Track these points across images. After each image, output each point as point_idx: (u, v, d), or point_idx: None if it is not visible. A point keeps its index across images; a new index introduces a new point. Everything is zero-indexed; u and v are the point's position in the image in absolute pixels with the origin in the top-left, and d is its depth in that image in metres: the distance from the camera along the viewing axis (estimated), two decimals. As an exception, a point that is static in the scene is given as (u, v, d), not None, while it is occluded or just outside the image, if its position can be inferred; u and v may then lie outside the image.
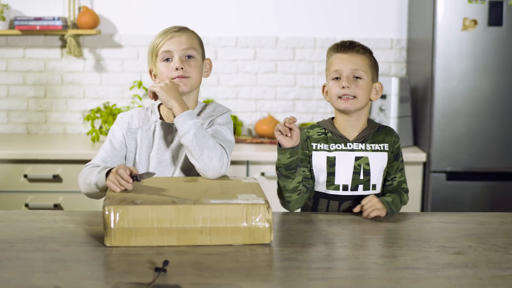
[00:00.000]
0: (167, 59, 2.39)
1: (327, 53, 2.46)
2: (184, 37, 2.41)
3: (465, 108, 3.79)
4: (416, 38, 4.18)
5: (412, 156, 3.86)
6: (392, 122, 3.96)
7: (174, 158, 2.43)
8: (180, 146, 2.42)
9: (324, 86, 2.46)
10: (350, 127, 2.43)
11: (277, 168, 2.32)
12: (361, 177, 2.40)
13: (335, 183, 2.40)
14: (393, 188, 2.46)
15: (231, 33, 4.34)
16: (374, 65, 2.44)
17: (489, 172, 3.85)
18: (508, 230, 2.19)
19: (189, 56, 2.41)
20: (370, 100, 2.43)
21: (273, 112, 4.38)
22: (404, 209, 2.53)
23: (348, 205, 2.41)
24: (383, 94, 3.98)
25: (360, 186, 2.40)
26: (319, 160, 2.41)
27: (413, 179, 3.85)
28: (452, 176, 3.83)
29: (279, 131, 2.25)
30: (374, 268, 1.83)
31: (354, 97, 2.37)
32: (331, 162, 2.39)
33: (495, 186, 3.84)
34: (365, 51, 2.42)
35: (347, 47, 2.41)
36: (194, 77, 2.41)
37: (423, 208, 3.89)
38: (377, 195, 2.43)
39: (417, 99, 4.08)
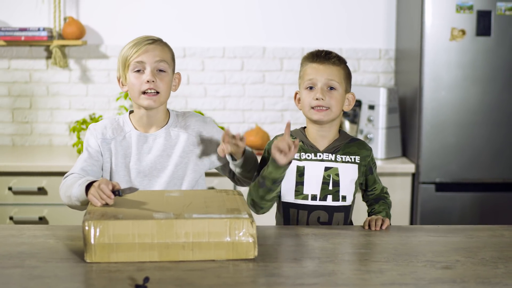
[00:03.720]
0: (138, 70, 2.37)
1: (302, 62, 2.44)
2: (158, 50, 2.40)
3: (453, 118, 3.76)
4: (404, 48, 4.16)
5: (401, 167, 3.83)
6: (380, 133, 3.93)
7: (152, 168, 2.43)
8: (158, 157, 2.42)
9: (296, 93, 2.45)
10: (321, 137, 2.41)
11: (263, 178, 2.30)
12: (330, 187, 2.37)
13: (304, 193, 2.37)
14: (376, 195, 2.50)
15: (219, 43, 4.31)
16: (348, 76, 2.43)
17: (478, 183, 3.82)
18: (496, 244, 2.15)
19: (160, 70, 2.39)
20: (342, 110, 2.42)
21: (261, 123, 4.35)
22: (392, 221, 2.51)
23: (318, 215, 2.38)
24: (372, 104, 3.96)
25: (329, 197, 2.38)
26: (289, 169, 2.37)
27: (402, 190, 3.83)
28: (441, 187, 3.80)
29: (278, 148, 2.21)
30: (360, 283, 1.79)
31: (328, 108, 2.35)
32: (300, 172, 2.37)
33: (484, 197, 3.81)
34: (341, 62, 2.40)
35: (322, 57, 2.39)
36: (164, 93, 2.41)
37: (412, 220, 3.86)
38: (348, 206, 2.42)
39: (406, 109, 4.05)
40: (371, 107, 3.96)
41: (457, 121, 3.77)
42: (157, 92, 2.38)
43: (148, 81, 2.36)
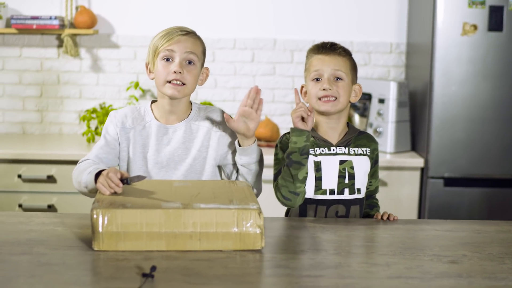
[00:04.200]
0: (168, 59, 2.37)
1: (307, 54, 2.46)
2: (190, 42, 2.40)
3: (464, 113, 3.75)
4: (415, 43, 4.15)
5: (410, 161, 3.83)
6: (390, 126, 3.92)
7: (170, 160, 2.42)
8: (177, 149, 2.41)
9: (302, 87, 2.45)
10: (331, 129, 2.42)
11: (290, 154, 2.28)
12: (346, 180, 2.38)
13: (322, 188, 2.37)
14: (370, 192, 2.51)
15: (229, 34, 4.31)
16: (354, 67, 2.44)
17: (487, 179, 3.81)
18: (503, 239, 2.15)
19: (189, 62, 2.38)
20: (350, 102, 2.42)
21: (271, 115, 4.35)
22: (400, 215, 2.51)
23: (336, 209, 2.38)
24: (382, 98, 3.95)
25: (346, 190, 2.38)
26: (308, 165, 2.36)
27: (411, 184, 3.82)
28: (449, 182, 3.79)
29: (301, 116, 2.26)
30: (366, 276, 1.79)
31: (335, 98, 2.35)
32: (317, 167, 2.37)
33: (493, 193, 3.81)
34: (346, 53, 2.42)
35: (328, 48, 2.40)
36: (190, 85, 2.40)
37: (420, 214, 3.86)
38: (362, 199, 2.44)
39: (416, 103, 4.04)
40: (381, 101, 3.95)
41: (467, 116, 3.76)
42: (183, 84, 2.37)
43: (175, 72, 2.35)
